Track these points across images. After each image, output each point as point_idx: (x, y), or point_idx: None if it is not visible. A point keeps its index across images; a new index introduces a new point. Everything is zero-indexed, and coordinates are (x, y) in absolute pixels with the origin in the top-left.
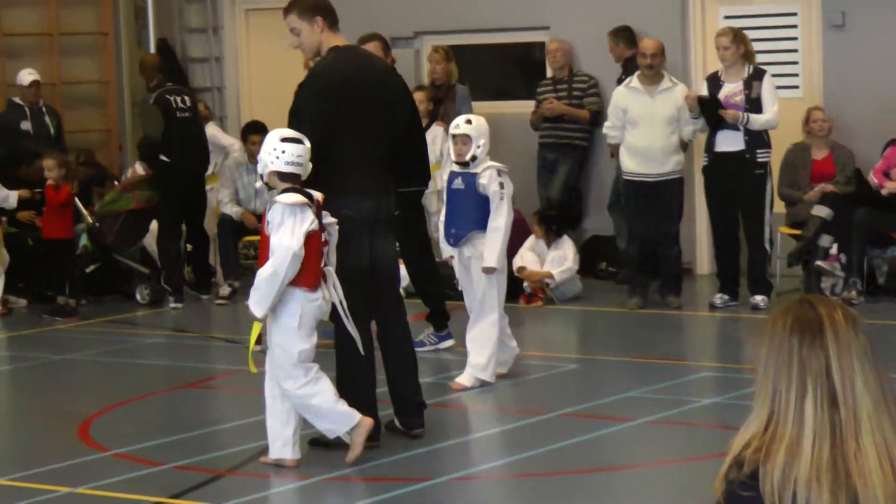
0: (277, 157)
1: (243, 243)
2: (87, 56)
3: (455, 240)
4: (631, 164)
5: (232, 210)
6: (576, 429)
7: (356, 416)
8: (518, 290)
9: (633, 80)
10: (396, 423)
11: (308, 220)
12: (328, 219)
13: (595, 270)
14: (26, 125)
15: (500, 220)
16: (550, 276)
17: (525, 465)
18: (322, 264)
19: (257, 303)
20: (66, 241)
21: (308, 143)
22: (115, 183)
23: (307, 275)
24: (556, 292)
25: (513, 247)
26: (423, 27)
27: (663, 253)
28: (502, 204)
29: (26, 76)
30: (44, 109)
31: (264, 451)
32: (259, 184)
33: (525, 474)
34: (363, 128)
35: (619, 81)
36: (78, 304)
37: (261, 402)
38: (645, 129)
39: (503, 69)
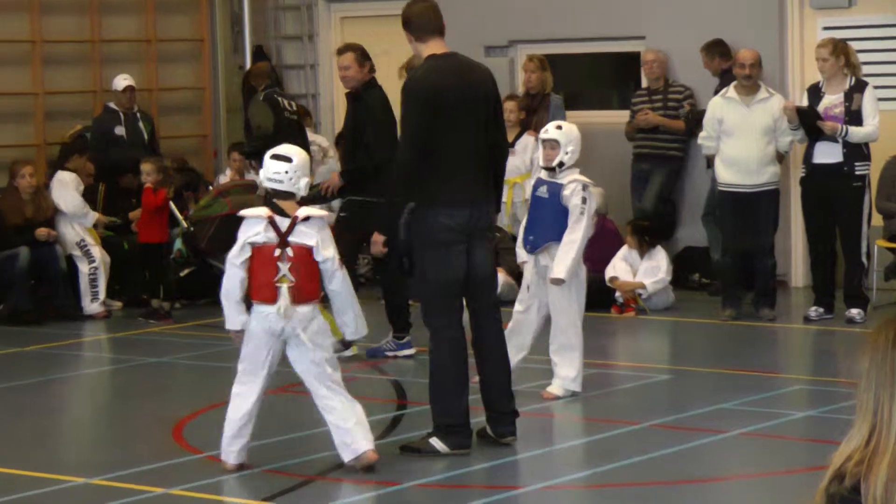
0: (263, 173)
1: None
2: (184, 63)
3: (532, 247)
4: (726, 175)
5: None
6: (667, 440)
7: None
8: (610, 300)
9: (730, 91)
10: (488, 430)
11: (250, 232)
12: (300, 237)
13: (688, 281)
14: (120, 130)
15: (576, 234)
16: (643, 286)
17: (615, 475)
18: (276, 279)
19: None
20: (161, 245)
21: (296, 160)
22: (209, 188)
23: (254, 287)
24: (649, 303)
25: (606, 257)
26: (517, 36)
27: (758, 264)
28: (581, 218)
29: (121, 82)
30: (138, 115)
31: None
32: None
33: (614, 484)
34: (463, 136)
35: (716, 93)
36: (172, 307)
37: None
38: (741, 140)
39: (598, 79)
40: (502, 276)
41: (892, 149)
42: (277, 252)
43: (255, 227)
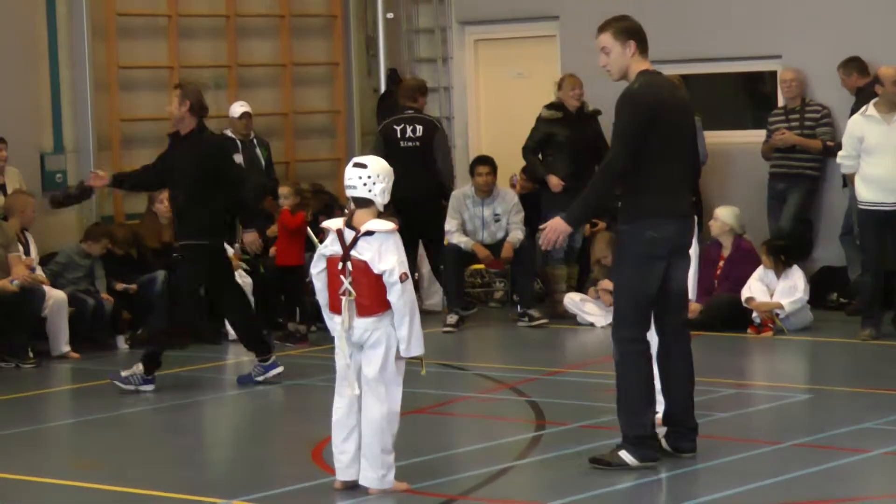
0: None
1: (469, 272)
2: (319, 86)
3: None
4: (867, 194)
5: (459, 240)
6: (809, 459)
7: None
8: (747, 320)
9: (870, 109)
10: (664, 444)
11: (327, 245)
12: (360, 251)
13: (826, 301)
14: (238, 158)
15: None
16: (780, 306)
17: (757, 495)
18: (340, 292)
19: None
20: (298, 269)
21: (371, 167)
22: (345, 211)
23: (329, 299)
24: (786, 323)
25: (742, 277)
26: (654, 56)
27: None
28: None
29: (238, 108)
30: (255, 141)
31: (496, 475)
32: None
33: None
34: (674, 151)
35: (854, 111)
36: (308, 330)
37: (492, 428)
38: (882, 158)
39: (734, 98)
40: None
41: None
42: (340, 265)
43: (329, 239)
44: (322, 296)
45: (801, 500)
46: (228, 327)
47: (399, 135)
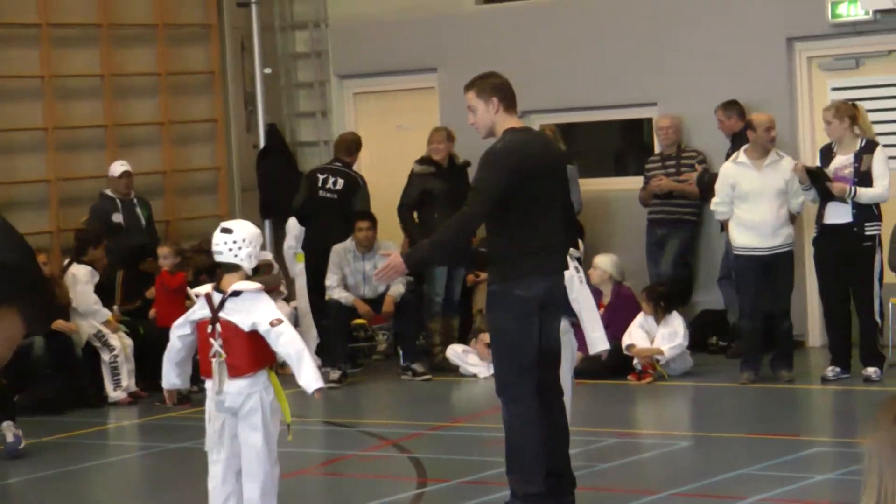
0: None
1: (352, 326)
2: (200, 143)
3: None
4: (742, 239)
5: (340, 295)
6: None
7: None
8: (628, 367)
9: (741, 155)
10: None
11: (195, 310)
12: (229, 313)
13: (707, 345)
14: (118, 217)
15: (590, 301)
16: (660, 352)
17: None
18: (210, 355)
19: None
20: None
21: (237, 232)
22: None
23: (200, 364)
24: (667, 368)
25: (623, 324)
26: (530, 106)
27: (776, 326)
28: (582, 285)
29: (117, 167)
30: (134, 200)
31: None
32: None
33: None
34: (542, 209)
35: (728, 156)
36: (190, 391)
37: (375, 487)
38: (755, 204)
39: (612, 145)
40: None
41: None
42: (210, 328)
43: (198, 304)
44: (175, 352)
45: None
46: (109, 389)
47: (320, 184)
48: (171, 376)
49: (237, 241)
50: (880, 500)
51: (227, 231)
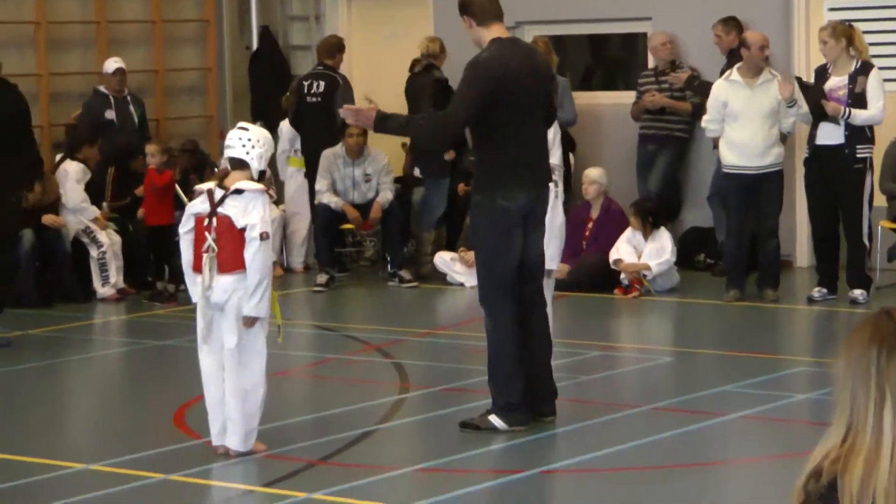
0: None
1: (341, 231)
2: (190, 44)
3: None
4: (731, 158)
5: (330, 200)
6: (669, 423)
7: None
8: (615, 282)
9: (734, 73)
10: None
11: (195, 204)
12: (227, 208)
13: (693, 262)
14: (111, 115)
15: (557, 219)
16: (648, 267)
17: (617, 458)
18: (203, 249)
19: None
20: (167, 227)
21: (254, 132)
22: (215, 170)
23: (193, 258)
24: (654, 284)
25: (611, 239)
26: (524, 17)
27: (762, 246)
28: (556, 202)
29: (111, 64)
30: (128, 98)
31: (357, 438)
32: None
33: (617, 468)
34: (524, 120)
35: (723, 73)
36: (177, 289)
37: (357, 391)
38: (745, 122)
39: (604, 60)
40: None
41: None
42: (206, 222)
43: (198, 198)
44: (186, 256)
45: (661, 464)
46: (97, 285)
47: (306, 90)
48: (198, 285)
49: (251, 139)
50: (852, 421)
51: (243, 128)
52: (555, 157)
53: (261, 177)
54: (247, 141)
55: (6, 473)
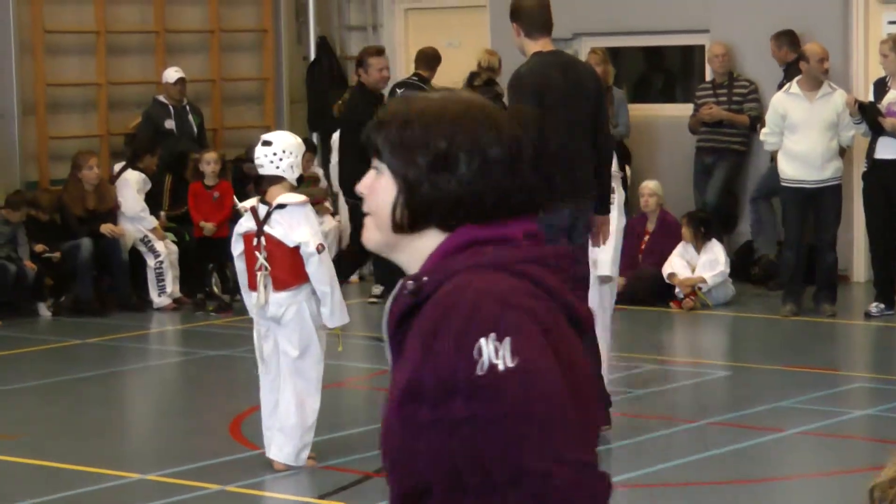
0: None
1: None
2: (248, 53)
3: None
4: (790, 170)
5: None
6: (725, 438)
7: None
8: (671, 294)
9: (793, 86)
10: None
11: (241, 223)
12: (272, 226)
13: (749, 275)
14: (170, 124)
15: (611, 225)
16: (703, 280)
17: (671, 474)
18: (256, 267)
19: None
20: (223, 237)
21: (277, 144)
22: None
23: (248, 276)
24: (709, 296)
25: (667, 250)
26: (581, 29)
27: (820, 259)
28: (612, 209)
29: (172, 74)
30: (187, 108)
31: None
32: None
33: (671, 483)
34: (568, 130)
35: (781, 86)
36: (233, 299)
37: None
38: (805, 135)
39: (662, 72)
40: None
41: None
42: (255, 241)
43: (244, 217)
44: (242, 276)
45: (716, 479)
46: (154, 295)
47: (393, 97)
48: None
49: (277, 152)
50: None
51: (267, 143)
52: (612, 165)
53: (300, 180)
54: (272, 155)
55: (64, 482)
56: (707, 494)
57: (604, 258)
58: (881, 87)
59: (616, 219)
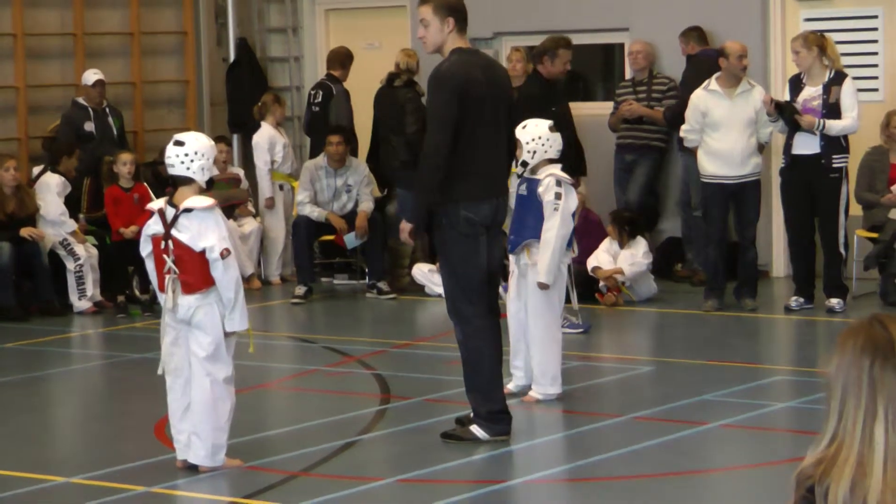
0: None
1: (318, 244)
2: (168, 56)
3: (512, 246)
4: (710, 167)
5: (311, 211)
6: (650, 432)
7: None
8: (594, 291)
9: (712, 83)
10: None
11: (150, 225)
12: (180, 230)
13: (672, 272)
14: (90, 126)
15: (549, 233)
16: (621, 271)
17: (598, 468)
18: (164, 270)
19: None
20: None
21: (189, 145)
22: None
23: (157, 278)
24: (632, 291)
25: (591, 249)
26: (502, 28)
27: (741, 255)
28: (555, 215)
29: (91, 76)
30: (107, 110)
31: (338, 450)
32: None
33: (598, 478)
34: (487, 131)
35: (683, 78)
36: (153, 301)
37: (337, 402)
38: (725, 132)
39: (583, 70)
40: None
41: (873, 139)
42: (163, 244)
43: (151, 218)
44: (152, 277)
45: (642, 473)
46: (74, 298)
47: (311, 99)
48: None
49: (189, 153)
50: (839, 426)
51: (179, 143)
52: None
53: (210, 184)
54: (184, 157)
55: None
56: (634, 488)
57: (541, 266)
58: (796, 84)
59: (558, 226)
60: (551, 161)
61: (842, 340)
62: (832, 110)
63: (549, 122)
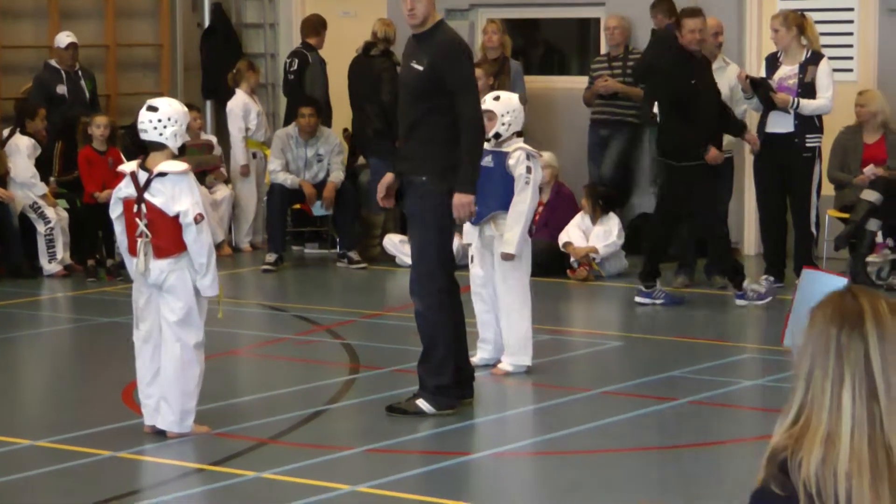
0: None
1: (291, 212)
2: (143, 19)
3: (477, 218)
4: None
5: (286, 178)
6: (618, 407)
7: None
8: (565, 265)
9: None
10: None
11: (121, 187)
12: (153, 194)
13: (642, 248)
14: (62, 89)
15: (522, 205)
16: (595, 250)
17: (565, 442)
18: (136, 234)
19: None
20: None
21: (163, 110)
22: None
23: (128, 241)
24: (602, 267)
25: (562, 223)
26: (478, 0)
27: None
28: (527, 188)
29: (64, 38)
30: (80, 73)
31: (307, 419)
32: None
33: (566, 451)
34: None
35: (648, 48)
36: (121, 267)
37: (306, 371)
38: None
39: (558, 44)
40: (457, 241)
41: (847, 119)
42: (135, 208)
43: (124, 182)
44: (121, 239)
45: (609, 447)
46: (44, 261)
47: (287, 67)
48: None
49: (162, 119)
50: (807, 398)
51: (152, 109)
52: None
53: (182, 150)
54: (157, 122)
55: None
56: (603, 462)
57: (509, 237)
58: (773, 63)
59: (529, 199)
60: (517, 134)
61: (813, 311)
62: (807, 90)
63: (517, 95)
